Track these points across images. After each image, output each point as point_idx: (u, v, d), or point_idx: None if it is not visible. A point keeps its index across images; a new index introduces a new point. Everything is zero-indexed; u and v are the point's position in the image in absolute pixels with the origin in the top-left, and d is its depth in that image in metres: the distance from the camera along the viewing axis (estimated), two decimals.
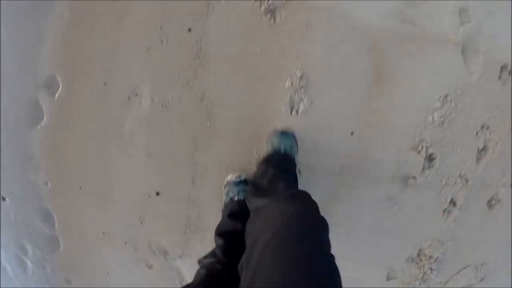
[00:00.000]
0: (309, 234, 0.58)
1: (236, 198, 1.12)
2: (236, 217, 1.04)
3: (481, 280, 1.47)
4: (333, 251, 0.59)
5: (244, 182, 1.17)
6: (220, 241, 0.98)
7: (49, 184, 1.41)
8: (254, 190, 0.88)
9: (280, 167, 0.97)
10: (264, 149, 1.16)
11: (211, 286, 0.80)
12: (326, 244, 0.59)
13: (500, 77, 1.18)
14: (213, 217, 1.27)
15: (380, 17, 1.08)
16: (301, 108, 1.14)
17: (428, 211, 1.29)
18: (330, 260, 0.56)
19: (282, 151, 1.05)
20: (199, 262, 0.95)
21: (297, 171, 1.13)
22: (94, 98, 1.23)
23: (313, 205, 0.67)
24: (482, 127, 1.21)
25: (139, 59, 1.16)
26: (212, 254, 0.95)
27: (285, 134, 1.10)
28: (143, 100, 1.19)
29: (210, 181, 1.26)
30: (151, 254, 1.47)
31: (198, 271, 0.89)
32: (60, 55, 1.21)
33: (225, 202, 1.18)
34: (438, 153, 1.20)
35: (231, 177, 1.19)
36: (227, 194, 1.16)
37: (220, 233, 1.01)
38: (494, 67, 1.17)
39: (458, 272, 1.45)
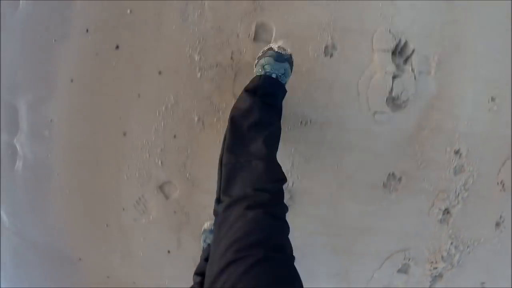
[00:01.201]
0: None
1: None
2: None
3: None
4: None
5: None
6: (198, 279, 1.09)
7: None
8: (232, 137, 0.87)
9: (266, 102, 0.92)
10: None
11: None
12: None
13: None
14: None
15: None
16: None
17: None
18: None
19: (274, 76, 0.95)
20: None
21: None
22: None
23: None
24: None
25: None
26: None
27: (281, 58, 0.97)
28: None
29: None
30: None
31: None
32: None
33: (203, 248, 1.28)
34: None
35: (207, 225, 1.29)
36: (204, 241, 1.27)
37: (198, 273, 1.12)
38: None
39: None
